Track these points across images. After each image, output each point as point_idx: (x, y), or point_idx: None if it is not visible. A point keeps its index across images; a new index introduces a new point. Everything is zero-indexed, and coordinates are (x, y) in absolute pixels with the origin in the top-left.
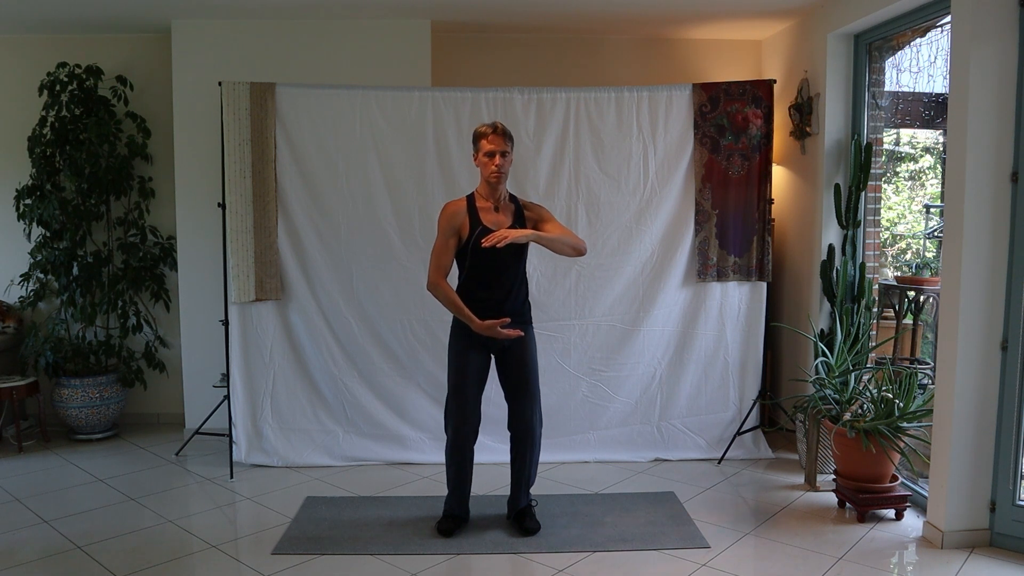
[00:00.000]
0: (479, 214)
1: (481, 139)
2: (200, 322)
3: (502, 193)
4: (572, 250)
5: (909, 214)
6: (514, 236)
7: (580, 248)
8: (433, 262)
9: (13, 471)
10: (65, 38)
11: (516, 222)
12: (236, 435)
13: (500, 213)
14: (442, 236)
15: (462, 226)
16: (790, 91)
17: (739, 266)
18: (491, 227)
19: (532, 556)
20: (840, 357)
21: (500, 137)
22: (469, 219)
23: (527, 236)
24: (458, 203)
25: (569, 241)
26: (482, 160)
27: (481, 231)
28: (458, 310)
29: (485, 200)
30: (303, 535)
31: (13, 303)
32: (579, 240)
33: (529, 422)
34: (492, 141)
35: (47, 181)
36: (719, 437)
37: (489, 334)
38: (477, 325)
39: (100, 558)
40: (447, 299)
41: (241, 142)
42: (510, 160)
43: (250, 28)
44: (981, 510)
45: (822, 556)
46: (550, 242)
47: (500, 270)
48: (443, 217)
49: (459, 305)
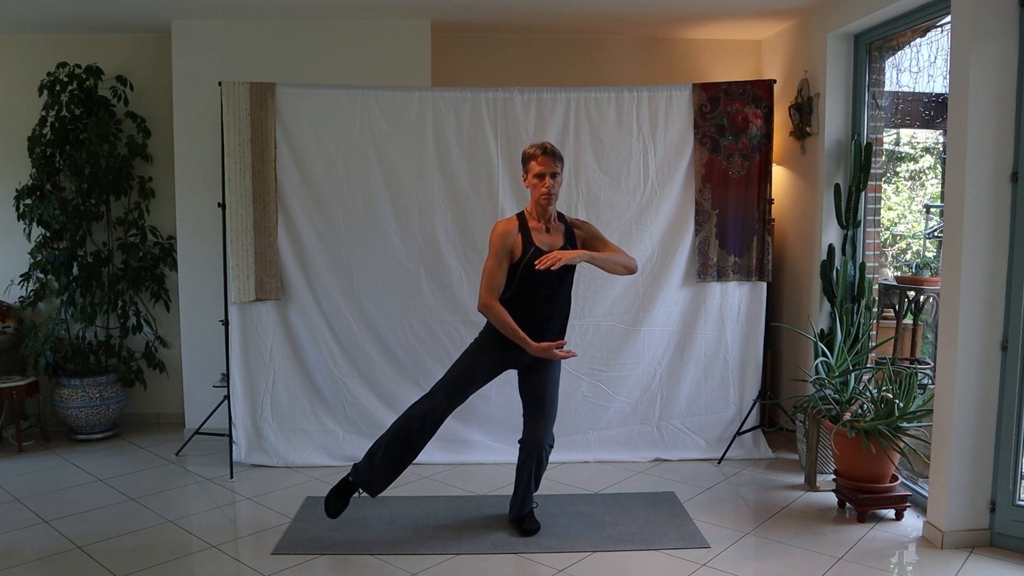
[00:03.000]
0: (531, 235)
1: (531, 160)
2: (200, 322)
3: (552, 213)
4: (624, 268)
5: (909, 214)
6: (567, 258)
7: (631, 266)
8: (485, 282)
9: (13, 471)
10: (65, 38)
11: (567, 242)
12: (236, 435)
13: (551, 234)
14: (495, 256)
15: (515, 246)
16: (790, 91)
17: (739, 266)
18: (544, 248)
19: (532, 556)
20: (840, 357)
21: (550, 158)
22: (522, 240)
23: (580, 257)
24: (510, 223)
25: (620, 260)
26: (532, 182)
27: (535, 252)
28: (513, 332)
29: (536, 221)
30: (303, 535)
31: (13, 303)
32: (630, 258)
33: (541, 442)
34: (542, 163)
35: (47, 181)
36: (719, 437)
37: (545, 356)
38: (533, 348)
39: (100, 558)
40: (501, 320)
41: (241, 142)
42: (560, 181)
43: (250, 28)
44: (981, 510)
45: (822, 556)
46: (603, 262)
47: (549, 291)
48: (495, 237)
49: (514, 327)
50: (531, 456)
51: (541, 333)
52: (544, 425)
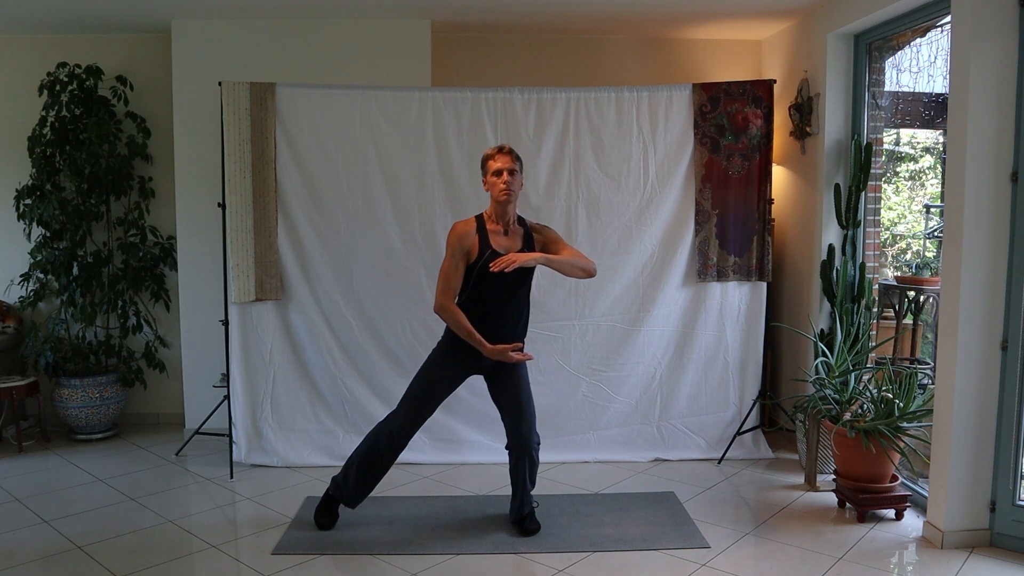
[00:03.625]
0: (489, 237)
1: (488, 160)
2: (200, 322)
3: (511, 215)
4: (582, 272)
5: (909, 214)
6: (523, 260)
7: (590, 269)
8: (441, 283)
9: (13, 471)
10: (65, 38)
11: (525, 245)
12: (236, 435)
13: (509, 236)
14: (451, 257)
15: (472, 248)
16: (790, 91)
17: (739, 266)
18: (500, 251)
19: (532, 556)
20: (840, 357)
21: (507, 156)
22: (479, 241)
23: (535, 260)
24: (468, 224)
25: (579, 263)
26: (491, 180)
27: (490, 255)
28: (468, 334)
29: (495, 223)
30: (303, 535)
31: (13, 303)
32: (589, 261)
33: (529, 442)
34: (499, 160)
35: (47, 181)
36: (719, 437)
37: (500, 358)
38: (488, 350)
39: (100, 558)
40: (456, 322)
41: (241, 142)
42: (519, 181)
43: (250, 28)
44: (981, 510)
45: (822, 556)
46: (560, 265)
47: (505, 294)
48: (452, 237)
49: (469, 329)
50: (522, 458)
51: (500, 336)
52: (528, 425)
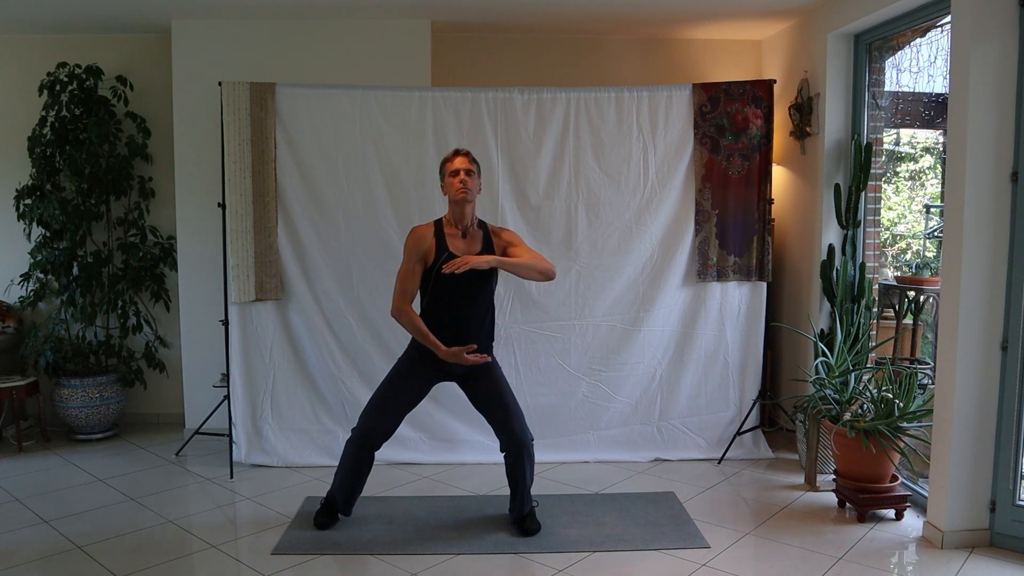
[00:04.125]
0: (446, 240)
1: (446, 163)
2: (200, 322)
3: (470, 218)
4: (539, 274)
5: (909, 214)
6: (475, 263)
7: (547, 272)
8: (398, 287)
9: (13, 471)
10: (65, 38)
11: (484, 249)
12: (236, 435)
13: (468, 239)
14: (408, 261)
15: (428, 251)
16: (790, 91)
17: (739, 266)
18: (457, 254)
19: (532, 556)
20: (840, 357)
21: (464, 158)
22: (436, 244)
23: (488, 262)
24: (425, 228)
25: (536, 266)
26: (448, 181)
27: (447, 257)
28: (423, 337)
29: (453, 226)
30: (303, 535)
31: (13, 303)
32: (547, 264)
33: (524, 441)
34: (456, 161)
35: (47, 181)
36: (719, 437)
37: (455, 360)
38: (443, 352)
39: (100, 558)
40: (412, 326)
41: (241, 142)
42: (476, 183)
43: (250, 28)
44: (981, 510)
45: (822, 556)
46: (514, 267)
47: (465, 297)
48: (410, 241)
49: (424, 332)
50: (520, 457)
51: (464, 340)
52: (519, 422)
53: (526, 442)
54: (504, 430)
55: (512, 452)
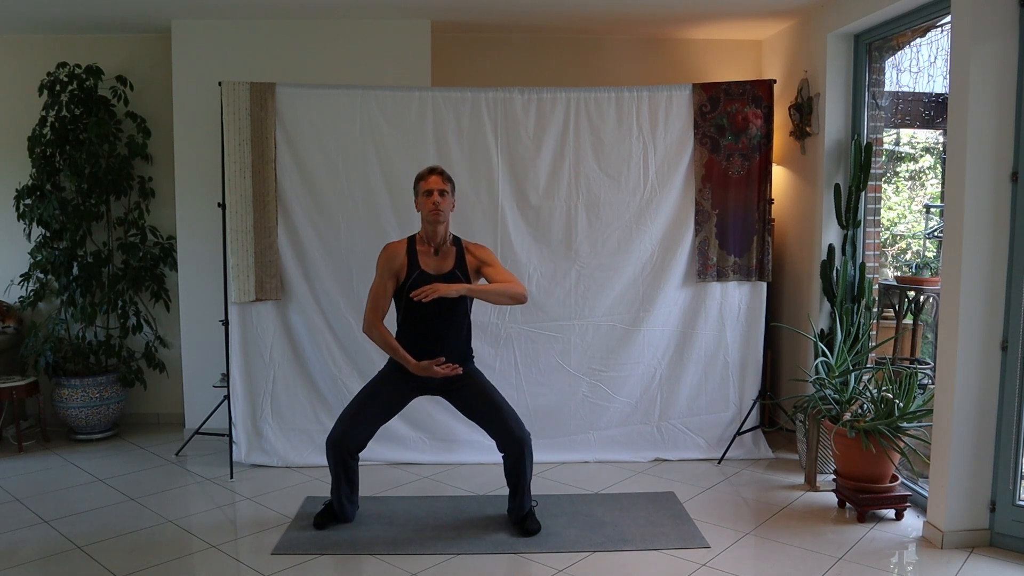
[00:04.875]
0: (418, 257)
1: (419, 181)
2: (200, 322)
3: (443, 235)
4: (510, 300)
5: (909, 214)
6: (443, 291)
7: (518, 297)
8: (370, 304)
9: (13, 471)
10: (65, 38)
11: (456, 266)
12: (236, 435)
13: (440, 256)
14: (379, 278)
15: (400, 269)
16: (790, 91)
17: (739, 266)
18: (428, 271)
19: (532, 556)
20: (840, 357)
21: (438, 177)
22: (407, 262)
23: (457, 291)
24: (398, 245)
25: (507, 291)
26: (421, 200)
27: (418, 276)
28: (393, 352)
29: (425, 244)
30: (303, 535)
31: (13, 303)
32: (518, 289)
33: (523, 439)
34: (430, 182)
35: (47, 181)
36: (719, 437)
37: (426, 374)
38: (413, 366)
39: (100, 558)
40: (383, 341)
41: (241, 142)
42: (449, 202)
43: (250, 28)
44: (981, 510)
45: (822, 556)
46: (484, 294)
47: (438, 315)
48: (382, 258)
49: (394, 347)
50: (520, 456)
51: (436, 354)
52: (515, 420)
53: (525, 439)
54: (500, 430)
55: (512, 451)
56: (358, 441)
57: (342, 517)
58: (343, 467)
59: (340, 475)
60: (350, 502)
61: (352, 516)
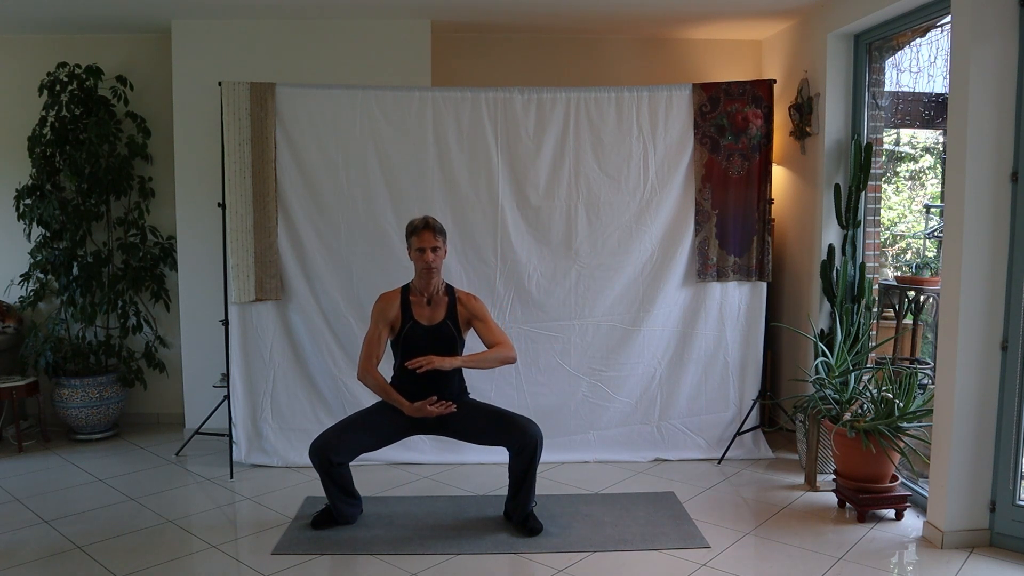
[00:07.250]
0: (412, 308)
1: (412, 236)
2: (200, 322)
3: (435, 287)
4: (499, 363)
5: (909, 214)
6: (438, 364)
7: (508, 360)
8: (364, 351)
9: (13, 471)
10: (65, 38)
11: (448, 316)
12: (236, 435)
13: (432, 306)
14: (375, 326)
15: (395, 319)
16: (790, 91)
17: (739, 266)
18: (422, 321)
19: (532, 556)
20: (840, 357)
21: (430, 232)
22: (401, 312)
23: (452, 364)
24: (392, 295)
25: (498, 356)
26: (414, 255)
27: (412, 326)
28: (387, 395)
29: (418, 294)
30: (303, 535)
31: (13, 303)
32: (509, 353)
33: (535, 435)
34: (423, 239)
35: (47, 181)
36: (719, 437)
37: (421, 415)
38: (407, 408)
39: (100, 558)
40: (377, 386)
41: (241, 142)
42: (442, 254)
43: (250, 28)
44: (981, 510)
45: (822, 556)
46: (477, 364)
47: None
48: (376, 308)
49: (388, 391)
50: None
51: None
52: (526, 421)
53: (537, 437)
54: (513, 432)
55: (527, 449)
56: (340, 454)
57: (340, 519)
58: (326, 473)
59: (325, 479)
60: (345, 504)
61: (352, 517)
